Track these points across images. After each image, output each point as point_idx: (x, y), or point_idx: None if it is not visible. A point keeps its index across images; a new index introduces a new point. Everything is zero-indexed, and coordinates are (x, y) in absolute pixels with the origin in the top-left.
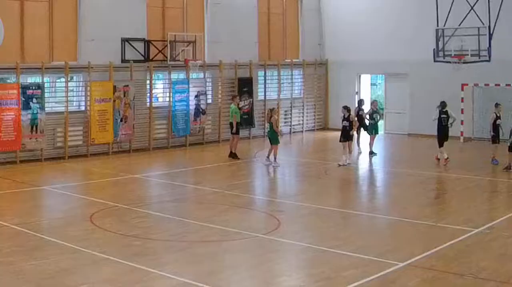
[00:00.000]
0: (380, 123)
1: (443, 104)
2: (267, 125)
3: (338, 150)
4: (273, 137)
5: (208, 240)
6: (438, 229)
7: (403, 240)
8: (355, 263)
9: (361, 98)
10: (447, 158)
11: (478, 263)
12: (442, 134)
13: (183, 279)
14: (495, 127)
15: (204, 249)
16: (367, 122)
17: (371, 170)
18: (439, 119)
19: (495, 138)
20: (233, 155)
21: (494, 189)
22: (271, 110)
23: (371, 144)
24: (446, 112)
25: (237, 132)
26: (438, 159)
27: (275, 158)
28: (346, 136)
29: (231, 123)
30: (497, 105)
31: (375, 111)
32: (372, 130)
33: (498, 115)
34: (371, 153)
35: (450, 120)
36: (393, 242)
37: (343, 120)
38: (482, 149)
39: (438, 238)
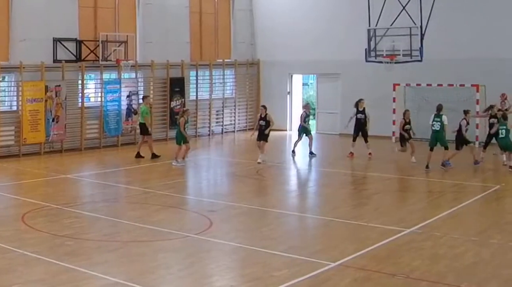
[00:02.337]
0: (312, 123)
1: (358, 103)
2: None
3: (269, 149)
4: (179, 137)
5: (140, 240)
6: (370, 229)
7: (335, 240)
8: (286, 263)
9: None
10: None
11: (410, 263)
12: (363, 132)
13: (115, 279)
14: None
15: (136, 249)
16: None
17: (303, 170)
18: (357, 118)
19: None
20: (153, 155)
21: (426, 189)
22: (184, 111)
23: (310, 145)
24: (363, 111)
25: (149, 133)
26: (352, 153)
27: (183, 157)
28: (261, 135)
29: (142, 124)
30: (405, 112)
31: (308, 115)
32: (302, 133)
33: (407, 121)
34: (311, 154)
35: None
36: (325, 242)
37: (259, 120)
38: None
39: (370, 238)
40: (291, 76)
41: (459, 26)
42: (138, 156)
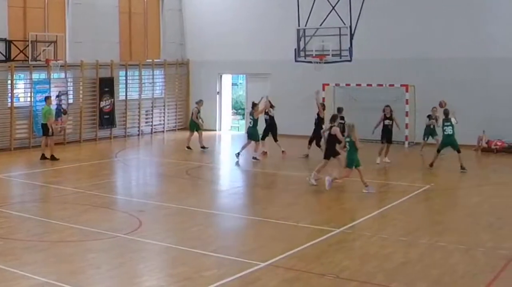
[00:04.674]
0: (241, 124)
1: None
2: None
3: (198, 150)
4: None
5: (69, 240)
6: (300, 229)
7: (265, 240)
8: (216, 263)
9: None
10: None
11: (340, 263)
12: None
13: (45, 279)
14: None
15: (65, 249)
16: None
17: (232, 170)
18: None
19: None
20: (52, 157)
21: (355, 189)
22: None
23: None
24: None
25: (50, 134)
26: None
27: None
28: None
29: (44, 125)
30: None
31: (199, 111)
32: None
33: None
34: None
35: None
36: (255, 242)
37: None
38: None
39: (299, 238)
40: (221, 76)
41: (389, 26)
42: (51, 158)
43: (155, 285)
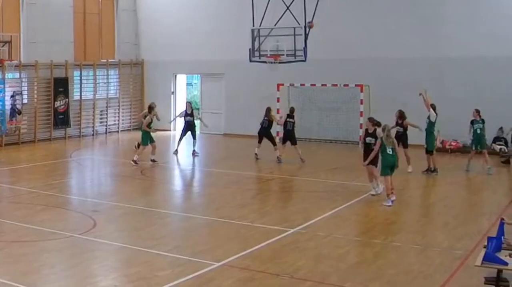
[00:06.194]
0: (197, 123)
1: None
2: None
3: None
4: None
5: (24, 240)
6: (254, 229)
7: (219, 240)
8: (171, 263)
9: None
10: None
11: (294, 263)
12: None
13: None
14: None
15: (20, 249)
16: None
17: (187, 170)
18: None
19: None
20: None
21: (310, 189)
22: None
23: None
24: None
25: None
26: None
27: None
28: None
29: None
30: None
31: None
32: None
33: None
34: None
35: None
36: (209, 242)
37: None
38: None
39: (254, 238)
40: (175, 76)
41: (343, 26)
42: None
43: (109, 285)
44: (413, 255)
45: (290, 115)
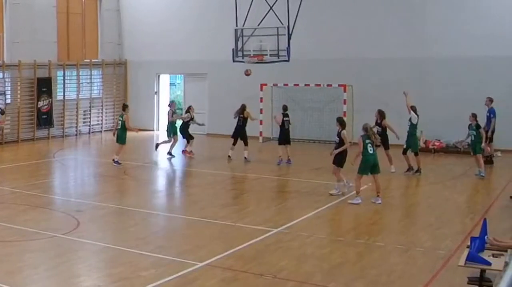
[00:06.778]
0: (178, 124)
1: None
2: None
3: (137, 150)
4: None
5: (7, 240)
6: (237, 229)
7: (203, 240)
8: (154, 263)
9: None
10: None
11: (278, 263)
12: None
13: None
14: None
15: (3, 249)
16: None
17: (170, 170)
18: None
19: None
20: None
21: (293, 189)
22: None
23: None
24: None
25: None
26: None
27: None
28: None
29: None
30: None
31: (175, 113)
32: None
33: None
34: (169, 154)
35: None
36: (193, 242)
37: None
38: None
39: (237, 238)
40: (158, 76)
41: (326, 26)
42: None
43: (92, 285)
44: (396, 255)
45: (285, 114)
